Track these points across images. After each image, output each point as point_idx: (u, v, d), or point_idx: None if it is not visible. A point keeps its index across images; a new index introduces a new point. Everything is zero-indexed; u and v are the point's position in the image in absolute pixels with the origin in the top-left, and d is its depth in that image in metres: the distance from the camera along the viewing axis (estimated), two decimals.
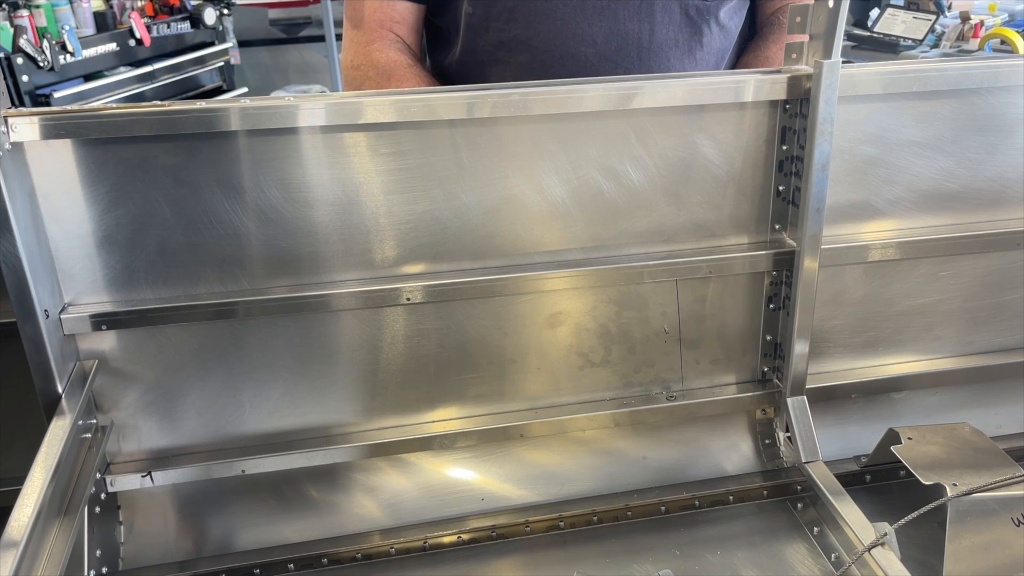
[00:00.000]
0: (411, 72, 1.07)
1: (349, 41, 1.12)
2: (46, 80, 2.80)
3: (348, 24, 1.12)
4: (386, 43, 1.09)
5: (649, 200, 0.86)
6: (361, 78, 1.10)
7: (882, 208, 0.91)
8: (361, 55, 1.10)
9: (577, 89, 0.80)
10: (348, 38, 1.12)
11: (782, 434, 0.94)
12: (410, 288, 0.83)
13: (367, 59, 1.09)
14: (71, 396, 0.78)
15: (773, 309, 0.92)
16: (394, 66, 1.07)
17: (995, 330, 0.99)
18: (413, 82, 1.06)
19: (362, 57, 1.09)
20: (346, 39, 1.12)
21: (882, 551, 0.74)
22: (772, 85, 0.82)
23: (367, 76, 1.09)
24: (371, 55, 1.09)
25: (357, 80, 1.10)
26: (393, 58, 1.08)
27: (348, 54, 1.12)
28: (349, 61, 1.11)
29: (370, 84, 1.08)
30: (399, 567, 0.84)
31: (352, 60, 1.11)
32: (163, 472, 0.85)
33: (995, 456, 0.81)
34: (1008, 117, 0.89)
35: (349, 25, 1.12)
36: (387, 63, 1.08)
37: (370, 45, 1.09)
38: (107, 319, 0.79)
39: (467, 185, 0.82)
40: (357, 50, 1.10)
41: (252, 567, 0.82)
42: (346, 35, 1.12)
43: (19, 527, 0.63)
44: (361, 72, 1.10)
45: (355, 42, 1.11)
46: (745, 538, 0.86)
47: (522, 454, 0.93)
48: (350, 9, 1.12)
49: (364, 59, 1.09)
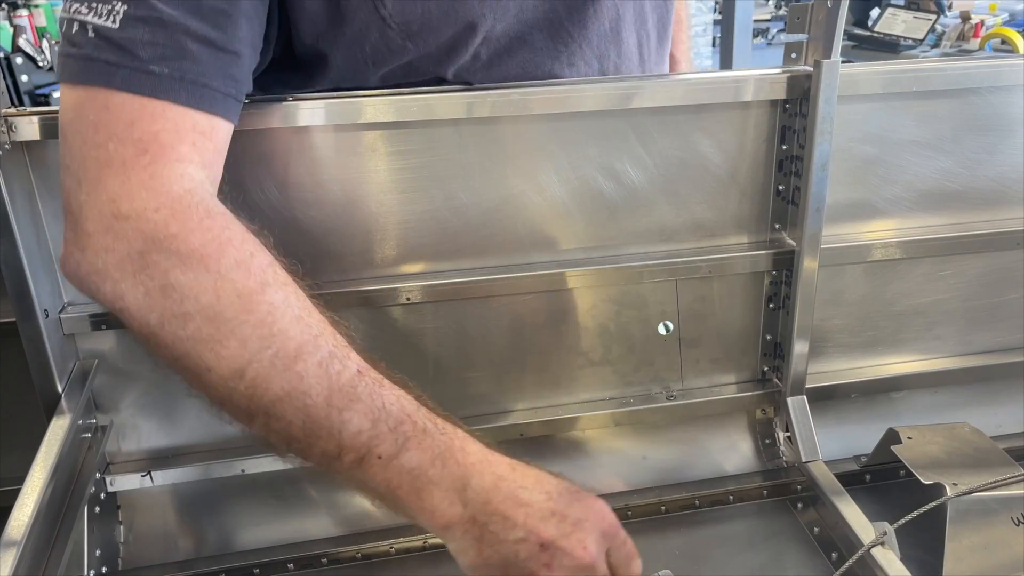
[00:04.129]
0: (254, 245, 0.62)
1: (114, 177, 0.60)
2: (46, 80, 2.80)
3: (99, 152, 0.60)
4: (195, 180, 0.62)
5: (649, 199, 0.86)
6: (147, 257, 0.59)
7: (882, 208, 0.91)
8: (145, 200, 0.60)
9: (577, 88, 0.80)
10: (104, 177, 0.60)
11: (782, 434, 0.94)
12: (409, 288, 0.83)
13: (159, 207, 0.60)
14: (71, 396, 0.78)
15: (773, 309, 0.92)
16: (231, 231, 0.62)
17: (995, 330, 0.99)
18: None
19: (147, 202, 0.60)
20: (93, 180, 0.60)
21: (882, 551, 0.74)
22: (772, 84, 0.82)
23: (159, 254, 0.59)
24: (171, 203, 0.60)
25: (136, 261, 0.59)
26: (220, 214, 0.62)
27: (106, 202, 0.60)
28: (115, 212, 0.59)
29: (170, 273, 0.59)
30: (399, 567, 0.84)
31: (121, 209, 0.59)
32: (163, 472, 0.85)
33: (995, 456, 0.81)
34: (1008, 117, 0.89)
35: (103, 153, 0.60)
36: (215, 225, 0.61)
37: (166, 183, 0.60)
38: (107, 319, 0.79)
39: (466, 185, 0.82)
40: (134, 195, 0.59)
41: (252, 567, 0.82)
42: (93, 173, 0.60)
43: (19, 527, 0.63)
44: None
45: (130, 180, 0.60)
46: (745, 538, 0.87)
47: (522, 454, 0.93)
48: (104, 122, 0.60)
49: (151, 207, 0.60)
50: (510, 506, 0.61)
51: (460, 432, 0.64)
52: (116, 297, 0.61)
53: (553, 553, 0.61)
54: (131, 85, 0.60)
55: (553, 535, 0.61)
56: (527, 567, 0.61)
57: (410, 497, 0.61)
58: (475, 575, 0.63)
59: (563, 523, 0.61)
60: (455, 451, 0.62)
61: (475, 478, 0.61)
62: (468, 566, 0.63)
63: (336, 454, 0.61)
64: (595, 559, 0.62)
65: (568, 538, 0.61)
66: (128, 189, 0.60)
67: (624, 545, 0.65)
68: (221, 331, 0.60)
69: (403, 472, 0.61)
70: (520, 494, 0.62)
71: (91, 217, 0.60)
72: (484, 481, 0.61)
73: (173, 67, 0.61)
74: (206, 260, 0.60)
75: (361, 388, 0.61)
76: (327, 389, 0.60)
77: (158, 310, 0.60)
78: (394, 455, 0.60)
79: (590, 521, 0.63)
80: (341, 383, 0.61)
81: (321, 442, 0.61)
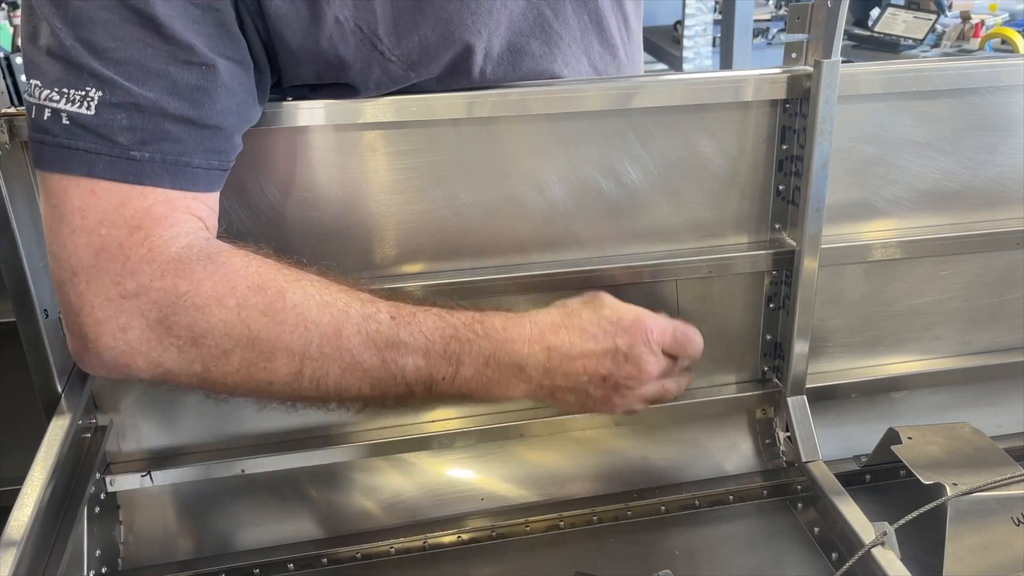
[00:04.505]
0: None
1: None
2: None
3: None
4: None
5: (649, 199, 0.86)
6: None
7: (882, 208, 0.91)
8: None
9: (577, 88, 0.80)
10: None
11: (782, 434, 0.94)
12: (410, 288, 0.83)
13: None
14: (71, 396, 0.78)
15: (773, 309, 0.92)
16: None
17: (995, 330, 0.99)
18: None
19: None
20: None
21: (882, 551, 0.74)
22: (772, 84, 0.82)
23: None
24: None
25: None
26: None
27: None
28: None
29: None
30: (399, 567, 0.84)
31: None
32: (163, 472, 0.85)
33: (995, 456, 0.81)
34: (1008, 117, 0.89)
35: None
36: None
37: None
38: None
39: (466, 185, 0.82)
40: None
41: (252, 567, 0.82)
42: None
43: (19, 527, 0.63)
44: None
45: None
46: (745, 538, 0.87)
47: (522, 454, 0.93)
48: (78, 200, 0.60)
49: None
50: (567, 364, 0.71)
51: (495, 322, 0.71)
52: (154, 366, 0.63)
53: (616, 381, 0.73)
54: (114, 173, 0.60)
55: (610, 368, 0.72)
56: (600, 395, 0.74)
57: (481, 395, 0.71)
58: (563, 411, 0.79)
59: (616, 357, 0.72)
60: (500, 345, 0.70)
61: (529, 359, 0.70)
62: (553, 406, 0.77)
63: (408, 393, 0.69)
64: (653, 372, 0.74)
65: (623, 367, 0.72)
66: (130, 268, 0.61)
67: (675, 338, 0.76)
68: (265, 351, 0.63)
69: (467, 382, 0.70)
70: (571, 351, 0.71)
71: (98, 305, 0.61)
72: (538, 359, 0.71)
73: (154, 151, 0.61)
74: (223, 299, 0.63)
75: (402, 333, 0.67)
76: (375, 348, 0.66)
77: (199, 360, 0.63)
78: (454, 373, 0.69)
79: (637, 346, 0.72)
80: (385, 337, 0.66)
81: (391, 391, 0.68)
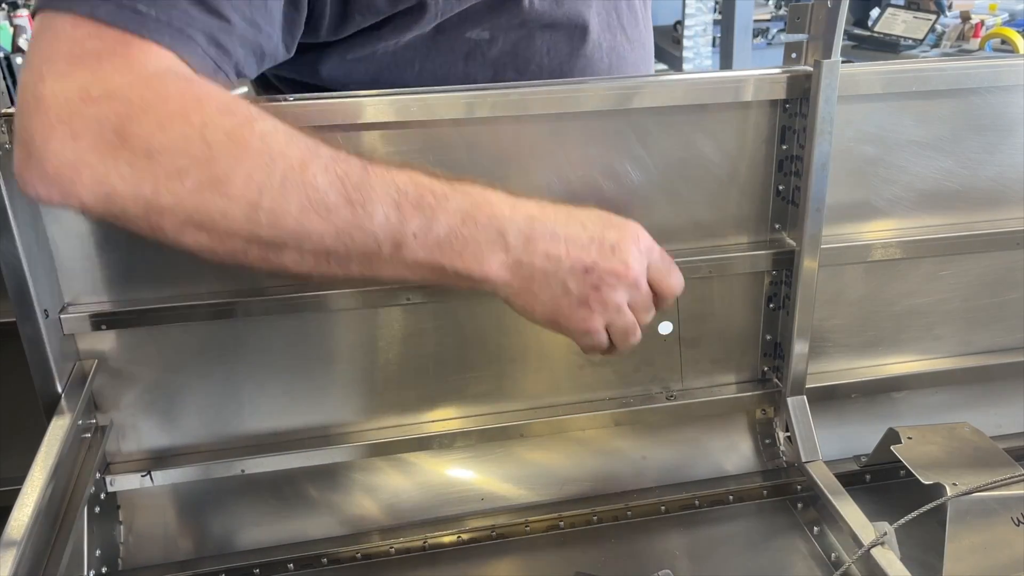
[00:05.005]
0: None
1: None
2: None
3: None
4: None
5: (649, 199, 0.86)
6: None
7: (882, 208, 0.91)
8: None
9: (577, 88, 0.80)
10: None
11: (782, 434, 0.94)
12: (410, 288, 0.83)
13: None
14: (71, 396, 0.78)
15: (773, 309, 0.92)
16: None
17: (995, 330, 0.99)
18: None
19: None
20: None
21: (882, 551, 0.74)
22: (772, 84, 0.82)
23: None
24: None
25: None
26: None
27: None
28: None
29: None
30: (399, 567, 0.84)
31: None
32: (163, 472, 0.85)
33: (995, 456, 0.81)
34: (1008, 117, 0.89)
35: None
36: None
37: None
38: (107, 319, 0.79)
39: None
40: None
41: (252, 567, 0.82)
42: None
43: (19, 527, 0.63)
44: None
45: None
46: (745, 538, 0.87)
47: (522, 454, 0.93)
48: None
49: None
50: (550, 242, 0.66)
51: (477, 188, 0.66)
52: (98, 183, 0.55)
53: (599, 275, 0.67)
54: (116, 18, 0.56)
55: (595, 258, 0.67)
56: (578, 293, 0.67)
57: (454, 262, 0.63)
58: (531, 315, 0.69)
59: (603, 247, 0.67)
60: (481, 206, 0.64)
61: (510, 224, 0.65)
62: (523, 307, 0.68)
63: (375, 248, 0.62)
64: (637, 275, 0.69)
65: (609, 260, 0.67)
66: (101, 75, 0.55)
67: (662, 259, 0.72)
68: (222, 172, 0.57)
69: (440, 242, 0.63)
70: (557, 229, 0.66)
71: (55, 106, 0.54)
72: (519, 225, 0.65)
73: (160, 10, 0.57)
74: (187, 115, 0.56)
75: (373, 178, 0.62)
76: (342, 188, 0.60)
77: (150, 178, 0.56)
78: (427, 228, 0.62)
79: (626, 241, 0.68)
80: (353, 180, 0.60)
81: (356, 243, 0.61)
